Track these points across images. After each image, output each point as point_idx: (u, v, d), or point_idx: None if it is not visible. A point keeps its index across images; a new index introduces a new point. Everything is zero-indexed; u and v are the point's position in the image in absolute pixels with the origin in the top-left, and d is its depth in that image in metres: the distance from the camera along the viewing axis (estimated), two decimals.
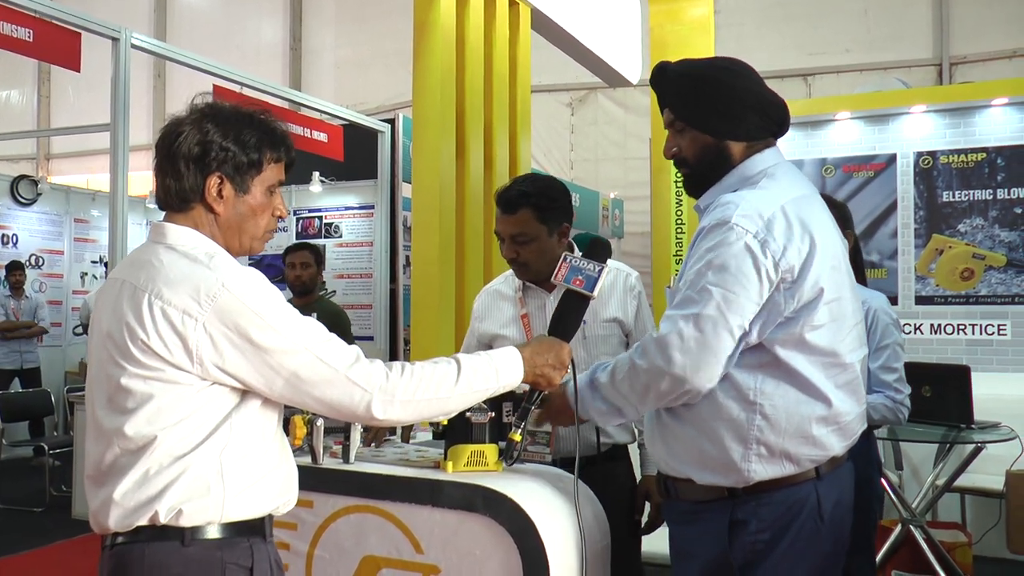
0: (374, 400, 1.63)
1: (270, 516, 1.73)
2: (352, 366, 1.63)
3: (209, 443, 1.60)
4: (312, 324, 1.65)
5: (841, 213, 3.20)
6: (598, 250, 1.99)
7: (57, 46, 5.12)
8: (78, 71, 5.41)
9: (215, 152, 1.67)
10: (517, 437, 1.96)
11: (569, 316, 1.97)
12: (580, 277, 1.94)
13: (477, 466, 2.14)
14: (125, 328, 1.59)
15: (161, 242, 1.68)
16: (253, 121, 1.72)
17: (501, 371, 1.78)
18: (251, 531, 1.67)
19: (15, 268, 8.30)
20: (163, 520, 1.57)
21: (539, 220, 2.56)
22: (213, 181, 1.68)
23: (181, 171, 1.67)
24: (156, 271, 1.61)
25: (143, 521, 1.58)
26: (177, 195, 1.68)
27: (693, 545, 1.91)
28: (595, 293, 1.94)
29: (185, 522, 1.58)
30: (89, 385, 1.71)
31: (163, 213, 1.75)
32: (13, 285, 8.25)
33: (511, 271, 2.77)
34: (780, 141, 1.99)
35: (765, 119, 1.91)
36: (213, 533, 1.61)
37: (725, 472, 1.83)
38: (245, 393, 1.64)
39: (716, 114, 1.89)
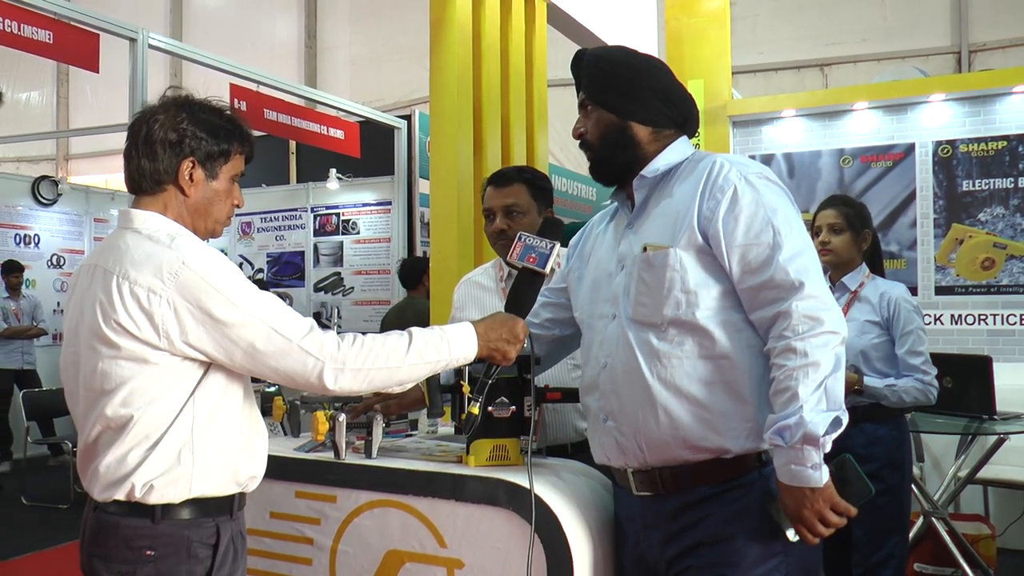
0: (326, 368, 1.72)
1: (241, 495, 1.85)
2: (305, 336, 1.73)
3: (180, 420, 1.71)
4: (268, 298, 1.75)
5: (859, 212, 3.28)
6: (550, 228, 2.05)
7: (76, 47, 5.17)
8: (97, 72, 5.47)
9: (189, 139, 1.80)
10: (475, 411, 1.99)
11: (524, 293, 2.02)
12: (534, 255, 2.00)
13: (499, 460, 2.15)
14: (99, 309, 1.70)
15: (128, 227, 1.79)
16: (223, 116, 1.87)
17: (453, 343, 1.86)
18: (218, 510, 1.78)
19: (14, 269, 8.26)
20: (138, 495, 1.70)
21: (531, 196, 2.71)
22: (186, 164, 1.81)
23: (157, 153, 1.79)
24: (123, 253, 1.73)
25: (120, 496, 1.71)
26: (151, 176, 1.80)
27: (727, 528, 1.82)
28: (547, 270, 2.00)
29: (156, 498, 1.71)
30: (66, 369, 1.83)
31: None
32: (13, 286, 8.24)
33: (490, 264, 2.91)
34: (798, 130, 2.01)
35: (668, 106, 1.97)
36: (182, 514, 1.74)
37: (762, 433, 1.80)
38: (208, 369, 1.75)
39: (620, 93, 1.96)
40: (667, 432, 1.84)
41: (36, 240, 9.02)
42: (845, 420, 1.73)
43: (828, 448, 1.71)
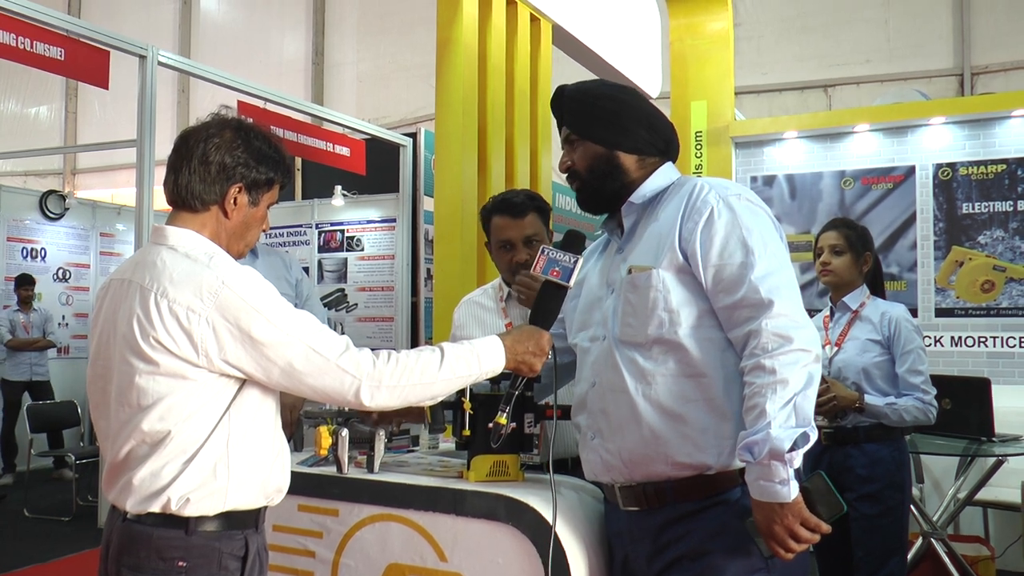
0: (362, 386, 1.76)
1: (265, 508, 1.87)
2: (342, 355, 1.75)
3: (216, 435, 1.73)
4: (305, 317, 1.77)
5: (860, 235, 3.33)
6: (573, 242, 2.06)
7: (87, 64, 5.23)
8: (107, 88, 5.52)
9: (242, 166, 1.83)
10: (503, 420, 2.01)
11: (548, 306, 2.04)
12: (557, 268, 2.02)
13: (499, 476, 2.18)
14: (136, 325, 1.71)
15: (162, 244, 1.81)
16: (271, 145, 1.90)
17: (483, 357, 1.90)
18: (245, 524, 1.81)
19: (25, 283, 8.33)
20: (174, 508, 1.71)
21: (543, 223, 2.76)
22: (234, 189, 1.84)
23: (212, 175, 1.81)
24: (160, 271, 1.73)
25: (156, 509, 1.72)
26: (199, 196, 1.82)
27: (708, 543, 1.84)
28: (571, 283, 2.02)
29: (192, 511, 1.72)
30: (95, 382, 1.83)
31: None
32: (24, 299, 8.31)
33: (490, 284, 2.94)
34: (800, 151, 2.04)
35: (652, 134, 2.02)
36: (214, 526, 1.75)
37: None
38: (243, 385, 1.77)
39: (605, 125, 2.01)
40: (651, 448, 1.87)
41: (43, 254, 9.08)
42: (814, 436, 1.74)
43: (797, 463, 1.72)
